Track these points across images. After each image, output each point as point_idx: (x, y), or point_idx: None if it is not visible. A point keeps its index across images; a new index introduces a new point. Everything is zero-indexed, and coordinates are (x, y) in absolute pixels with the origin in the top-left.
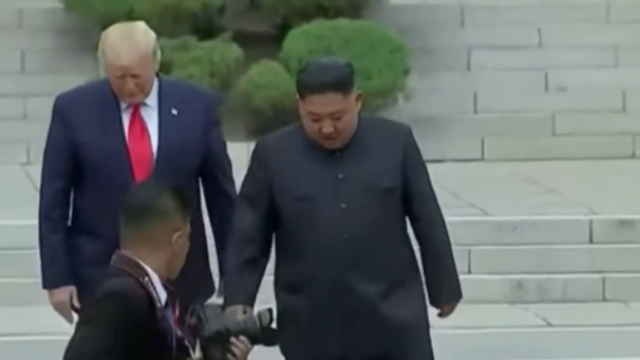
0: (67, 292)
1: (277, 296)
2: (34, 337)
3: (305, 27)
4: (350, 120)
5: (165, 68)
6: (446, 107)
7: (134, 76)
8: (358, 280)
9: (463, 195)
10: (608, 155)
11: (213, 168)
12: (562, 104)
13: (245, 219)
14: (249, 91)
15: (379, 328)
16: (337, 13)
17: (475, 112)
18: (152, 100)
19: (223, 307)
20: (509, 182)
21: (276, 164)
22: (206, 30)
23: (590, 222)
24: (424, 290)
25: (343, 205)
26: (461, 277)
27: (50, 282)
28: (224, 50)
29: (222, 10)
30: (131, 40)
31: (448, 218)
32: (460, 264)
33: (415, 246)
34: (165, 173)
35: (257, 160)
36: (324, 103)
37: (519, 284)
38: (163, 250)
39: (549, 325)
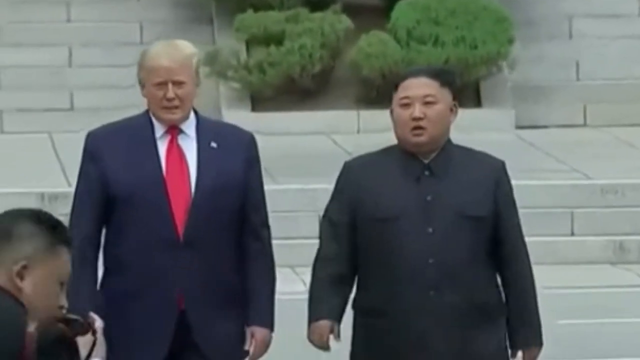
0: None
1: (355, 320)
2: None
3: None
4: (441, 115)
5: (277, 39)
6: (549, 75)
7: (175, 83)
8: (441, 307)
9: (566, 160)
10: None
11: (249, 210)
12: None
13: (329, 241)
14: (358, 61)
15: (459, 357)
16: None
17: (578, 79)
18: (190, 129)
19: (309, 322)
20: (610, 147)
21: (362, 185)
22: (317, 2)
23: None
24: (505, 333)
25: (430, 229)
26: (564, 238)
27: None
28: (334, 21)
29: None
30: (174, 46)
31: (551, 182)
32: (563, 226)
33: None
34: (204, 206)
35: (342, 181)
36: (417, 85)
37: (621, 245)
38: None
39: None
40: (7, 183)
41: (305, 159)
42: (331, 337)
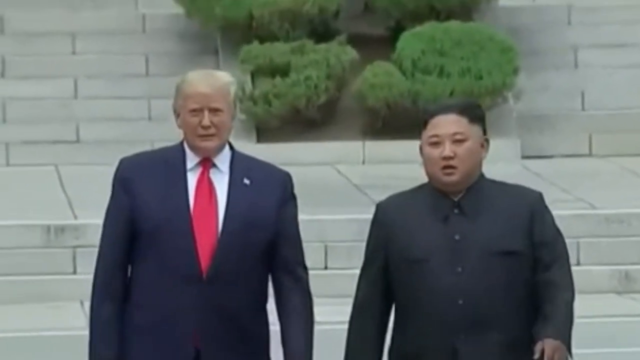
0: None
1: None
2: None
3: (418, 29)
4: (472, 152)
5: (283, 70)
6: (555, 105)
7: (212, 110)
8: (474, 350)
9: (572, 189)
10: None
11: (282, 245)
12: None
13: (365, 287)
14: (364, 91)
15: None
16: (449, 15)
17: (583, 109)
18: (224, 164)
19: None
20: (616, 177)
21: (393, 226)
22: (322, 33)
23: None
24: None
25: (459, 269)
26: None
27: (99, 357)
28: (340, 52)
29: (337, 14)
30: (211, 74)
31: (558, 212)
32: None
33: None
34: (231, 243)
35: (375, 222)
36: (446, 122)
37: (627, 275)
38: None
39: None
40: (13, 215)
41: (311, 190)
42: None
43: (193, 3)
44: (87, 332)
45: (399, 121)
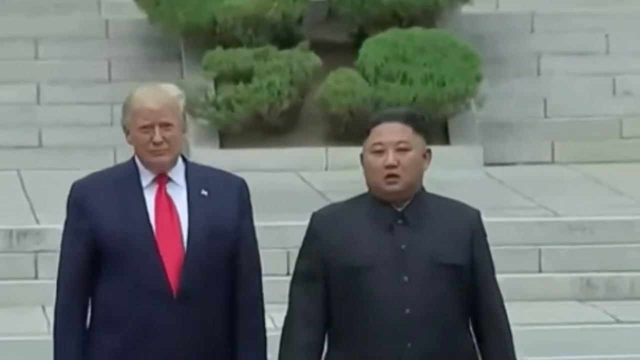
0: None
1: None
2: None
3: (381, 35)
4: (415, 163)
5: (246, 76)
6: (517, 112)
7: (162, 126)
8: (419, 358)
9: (534, 197)
10: None
11: (240, 256)
12: (629, 108)
13: (302, 299)
14: (327, 98)
15: None
16: (412, 22)
17: (546, 116)
18: (179, 177)
19: None
20: (578, 184)
21: (331, 236)
22: (285, 39)
23: None
24: None
25: (405, 278)
26: (532, 275)
27: None
28: (303, 58)
29: (300, 20)
30: (159, 89)
31: (520, 219)
32: (531, 263)
33: None
34: (197, 257)
35: (310, 233)
36: (390, 130)
37: (588, 282)
38: None
39: (618, 321)
40: None
41: (273, 196)
42: None
43: (156, 8)
44: (49, 338)
45: (361, 127)
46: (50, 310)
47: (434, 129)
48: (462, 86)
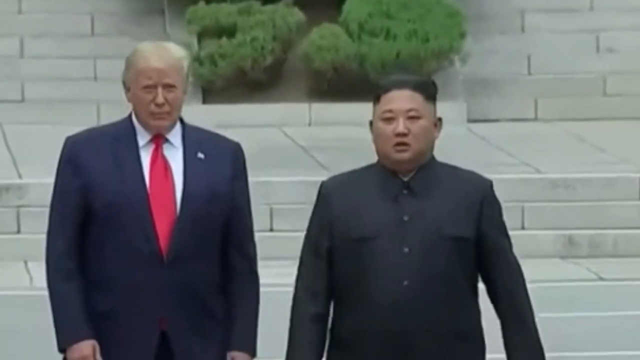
0: (90, 347)
1: (329, 350)
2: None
3: None
4: (426, 131)
5: (229, 31)
6: (501, 69)
7: (165, 87)
8: (418, 335)
9: (517, 154)
10: None
11: (234, 223)
12: (613, 65)
13: (310, 267)
14: (310, 54)
15: None
16: None
17: (529, 73)
18: (176, 139)
19: None
20: (561, 142)
21: (338, 205)
22: None
23: None
24: (485, 354)
25: (406, 249)
26: (515, 232)
27: (71, 337)
28: (286, 14)
29: None
30: (164, 48)
31: (503, 176)
32: (514, 220)
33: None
34: (190, 221)
35: (319, 202)
36: (401, 97)
37: (571, 240)
38: None
39: (601, 279)
40: None
41: (256, 152)
42: None
43: None
44: (31, 292)
45: (345, 83)
46: (33, 265)
47: None
48: (446, 42)
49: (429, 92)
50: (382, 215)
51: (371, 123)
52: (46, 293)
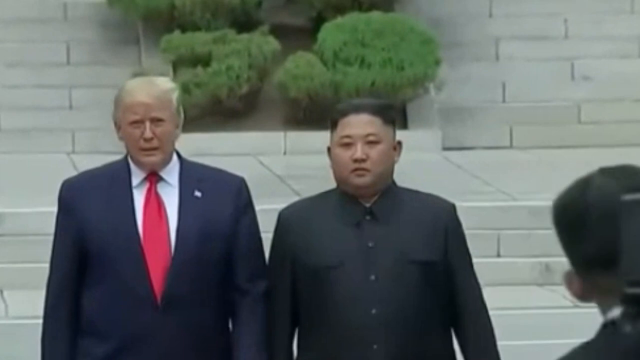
0: None
1: None
2: None
3: (339, 20)
4: (385, 155)
5: (204, 60)
6: (476, 97)
7: (153, 121)
8: None
9: (492, 181)
10: (632, 143)
11: (237, 262)
12: (588, 93)
13: (275, 297)
14: (286, 82)
15: None
16: (371, 6)
17: (504, 101)
18: (172, 177)
19: None
20: (536, 169)
21: (298, 235)
22: (244, 23)
23: None
24: None
25: (372, 277)
26: (491, 260)
27: None
28: (262, 43)
29: (259, 4)
30: (151, 82)
31: (479, 204)
32: (490, 248)
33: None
34: (185, 263)
35: (278, 232)
36: (358, 122)
37: (547, 267)
38: None
39: (577, 306)
40: None
41: None
42: None
43: None
44: (7, 322)
45: (320, 112)
46: (8, 294)
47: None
48: (420, 70)
49: (388, 115)
50: (346, 243)
51: (329, 149)
52: (22, 321)
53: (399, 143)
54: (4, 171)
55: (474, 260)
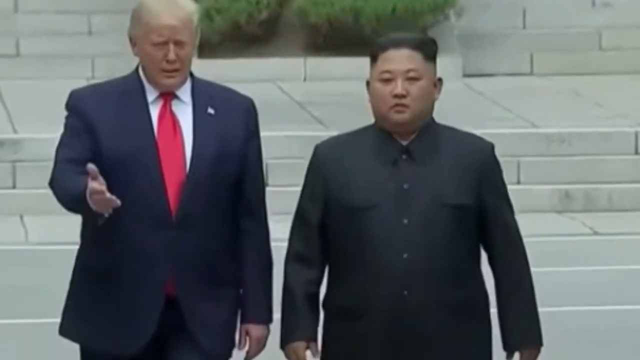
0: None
1: (325, 323)
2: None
3: None
4: (426, 92)
5: None
6: (496, 23)
7: (177, 43)
8: (418, 308)
9: (513, 108)
10: None
11: (246, 184)
12: (609, 19)
13: (301, 237)
14: (306, 8)
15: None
16: None
17: (524, 27)
18: (185, 95)
19: (283, 342)
20: (557, 96)
21: (332, 172)
22: None
23: (636, 134)
24: (491, 332)
25: (405, 220)
26: (511, 187)
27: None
28: None
29: None
30: (175, 3)
31: (499, 130)
32: (510, 175)
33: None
34: (200, 181)
35: (311, 168)
36: (399, 57)
37: (567, 194)
38: None
39: (596, 233)
40: None
41: None
42: (308, 353)
43: None
44: (26, 247)
45: (340, 38)
46: (28, 220)
47: None
48: None
49: (429, 51)
50: (380, 183)
51: (368, 83)
52: (42, 247)
53: (440, 80)
54: (22, 97)
55: None
